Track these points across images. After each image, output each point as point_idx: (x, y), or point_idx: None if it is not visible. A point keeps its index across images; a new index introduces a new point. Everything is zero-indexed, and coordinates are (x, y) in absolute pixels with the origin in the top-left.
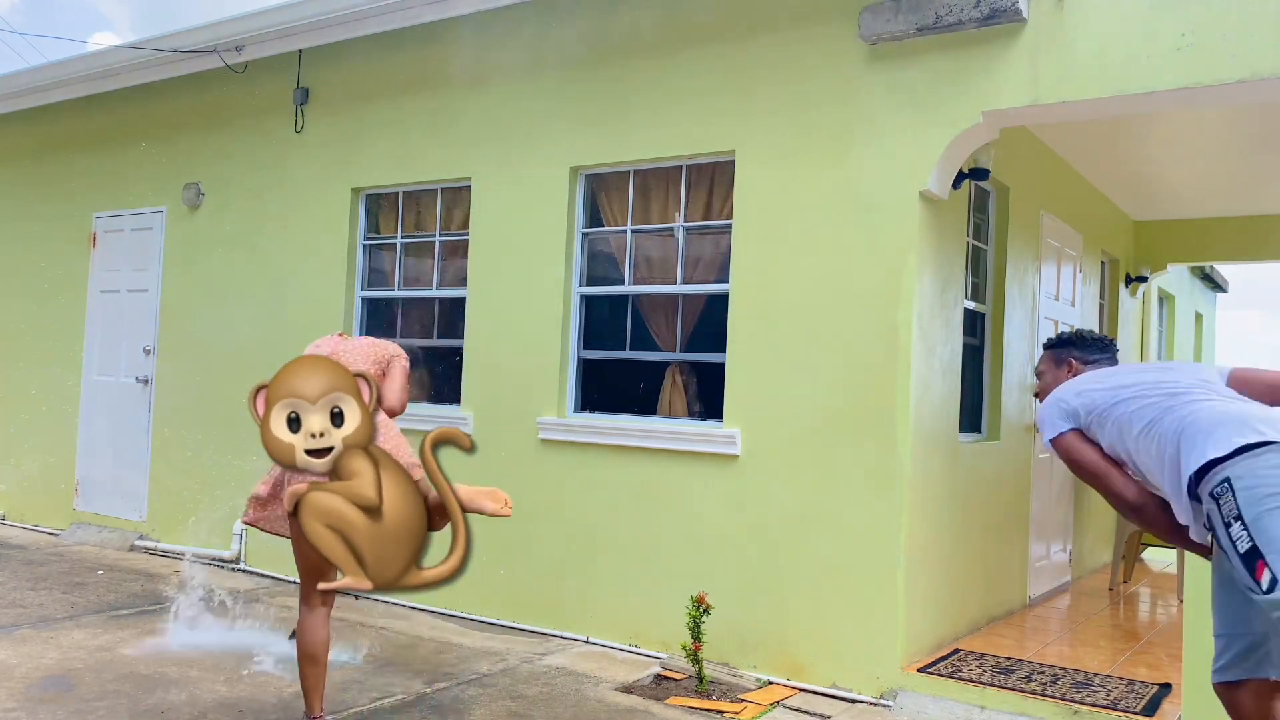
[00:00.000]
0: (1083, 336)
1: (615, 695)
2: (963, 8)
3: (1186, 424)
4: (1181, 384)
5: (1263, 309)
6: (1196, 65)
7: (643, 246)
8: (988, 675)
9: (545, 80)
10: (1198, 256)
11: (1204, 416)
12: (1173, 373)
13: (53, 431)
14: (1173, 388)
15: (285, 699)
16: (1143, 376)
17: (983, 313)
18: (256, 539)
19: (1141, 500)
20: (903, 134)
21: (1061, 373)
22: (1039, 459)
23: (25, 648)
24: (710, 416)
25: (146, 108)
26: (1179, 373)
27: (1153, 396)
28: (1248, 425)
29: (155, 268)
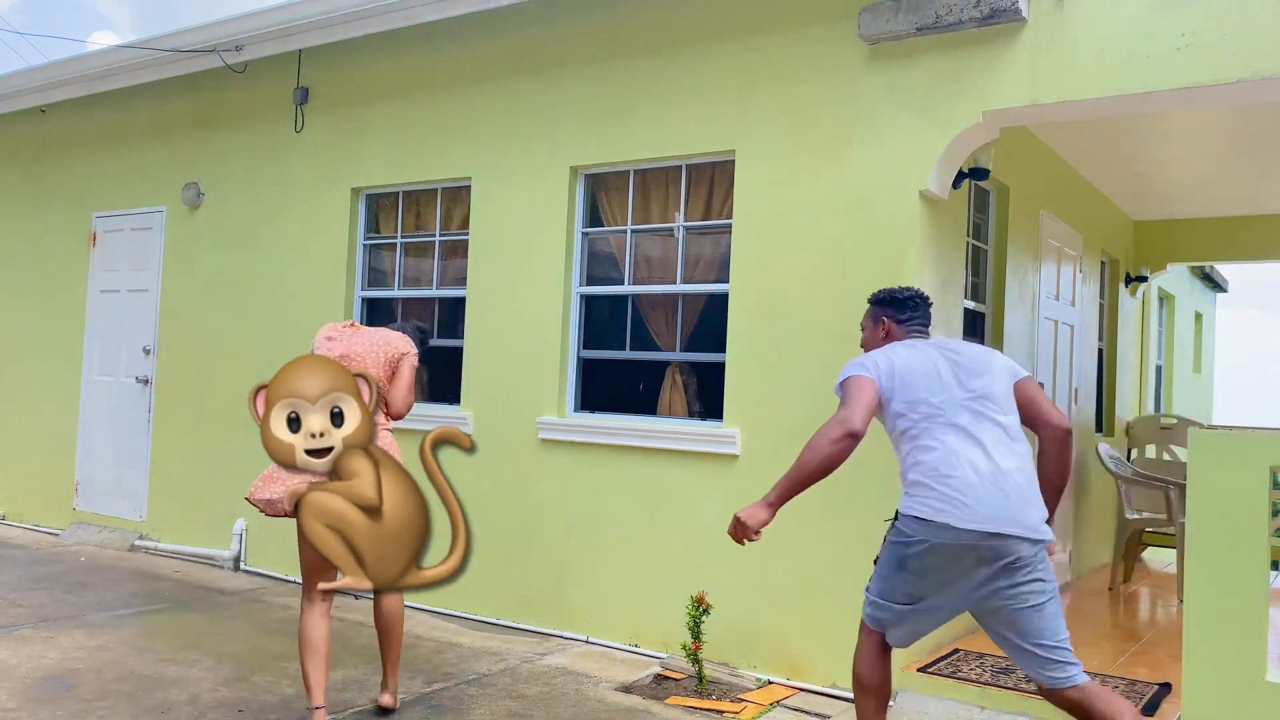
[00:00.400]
0: (895, 297)
1: (615, 695)
2: (963, 8)
3: (919, 463)
4: (945, 407)
5: (1263, 309)
6: (1196, 65)
7: (643, 246)
8: (988, 675)
9: (545, 80)
10: (1198, 256)
11: (930, 467)
12: (946, 390)
13: (53, 431)
14: (934, 409)
15: (285, 698)
16: (923, 391)
17: (983, 313)
18: (256, 539)
19: (832, 461)
20: (902, 134)
21: (878, 329)
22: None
23: (25, 648)
24: (710, 416)
25: (146, 108)
26: (951, 389)
27: (915, 415)
28: (949, 501)
29: (155, 268)
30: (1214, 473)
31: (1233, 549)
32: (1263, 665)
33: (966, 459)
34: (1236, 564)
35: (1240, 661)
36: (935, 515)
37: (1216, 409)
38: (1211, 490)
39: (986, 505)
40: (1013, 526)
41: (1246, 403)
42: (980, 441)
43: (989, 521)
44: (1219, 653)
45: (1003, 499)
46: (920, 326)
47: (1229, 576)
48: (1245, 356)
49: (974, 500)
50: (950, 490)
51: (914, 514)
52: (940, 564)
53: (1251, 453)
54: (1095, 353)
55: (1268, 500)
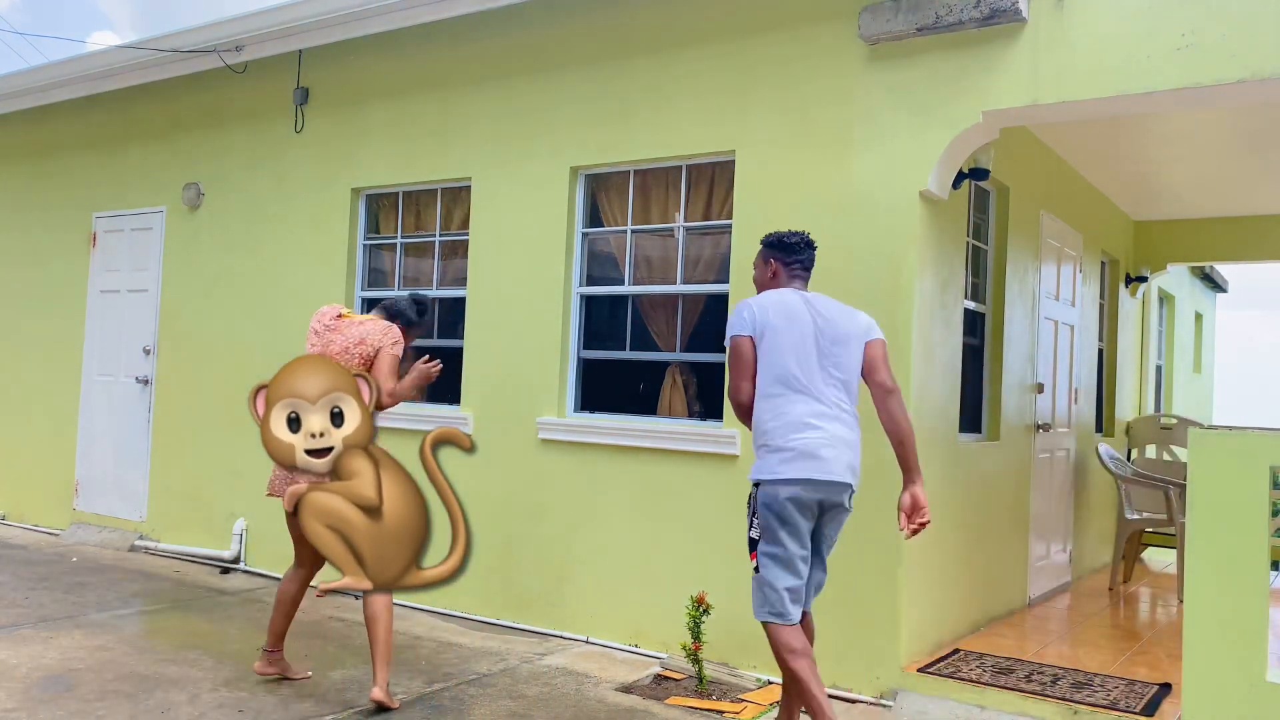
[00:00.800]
0: (784, 241)
1: (615, 695)
2: (963, 8)
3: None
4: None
5: (1263, 309)
6: (1196, 65)
7: (643, 246)
8: (988, 675)
9: (545, 80)
10: (1198, 256)
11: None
12: (808, 360)
13: (53, 431)
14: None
15: (285, 698)
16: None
17: (983, 313)
18: (256, 539)
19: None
20: (902, 134)
21: (767, 269)
22: (1039, 459)
23: (25, 648)
24: (710, 416)
25: (146, 108)
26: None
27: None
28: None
29: (155, 268)
30: (1214, 473)
31: (1233, 549)
32: (1263, 665)
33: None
34: (1236, 564)
35: (1240, 661)
36: (790, 471)
37: (1216, 409)
38: (1211, 490)
39: (822, 463)
40: (838, 474)
41: (1246, 403)
42: (821, 405)
43: (822, 472)
44: (1219, 653)
45: (834, 457)
46: (801, 269)
47: (1229, 576)
48: (1245, 356)
49: (815, 457)
50: (797, 450)
51: (774, 477)
52: (797, 511)
53: (1251, 453)
54: (1095, 353)
55: (1268, 500)
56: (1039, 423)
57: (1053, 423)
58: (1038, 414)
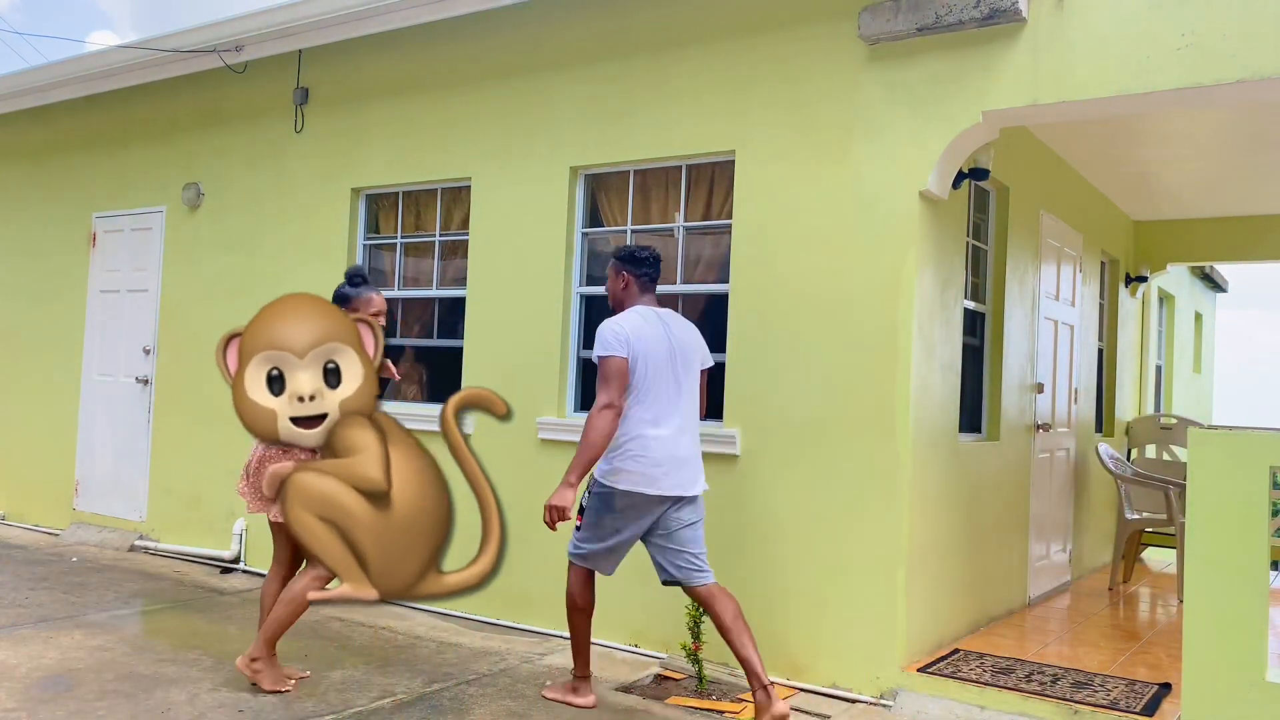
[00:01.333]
0: (635, 255)
1: (615, 695)
2: (963, 8)
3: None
4: (662, 394)
5: (1263, 309)
6: (1196, 65)
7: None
8: (988, 675)
9: (545, 80)
10: (1198, 256)
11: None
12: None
13: (53, 431)
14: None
15: (286, 699)
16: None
17: (983, 313)
18: (256, 539)
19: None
20: (902, 134)
21: (619, 281)
22: (1039, 459)
23: (25, 648)
24: (710, 416)
25: (146, 108)
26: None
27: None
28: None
29: (155, 268)
30: (1214, 473)
31: (1233, 549)
32: (1263, 665)
33: (665, 436)
34: (1236, 564)
35: (1240, 661)
36: (634, 485)
37: (1216, 409)
38: (1211, 490)
39: (671, 475)
40: (689, 489)
41: (1246, 403)
42: (676, 421)
43: (672, 488)
44: (1219, 653)
45: (681, 468)
46: (649, 281)
47: (1229, 576)
48: (1245, 356)
49: (663, 471)
50: (650, 463)
51: (619, 485)
52: (635, 511)
53: (1251, 453)
54: (1095, 353)
55: (1268, 500)
56: (1039, 423)
57: (1053, 423)
58: (1038, 414)
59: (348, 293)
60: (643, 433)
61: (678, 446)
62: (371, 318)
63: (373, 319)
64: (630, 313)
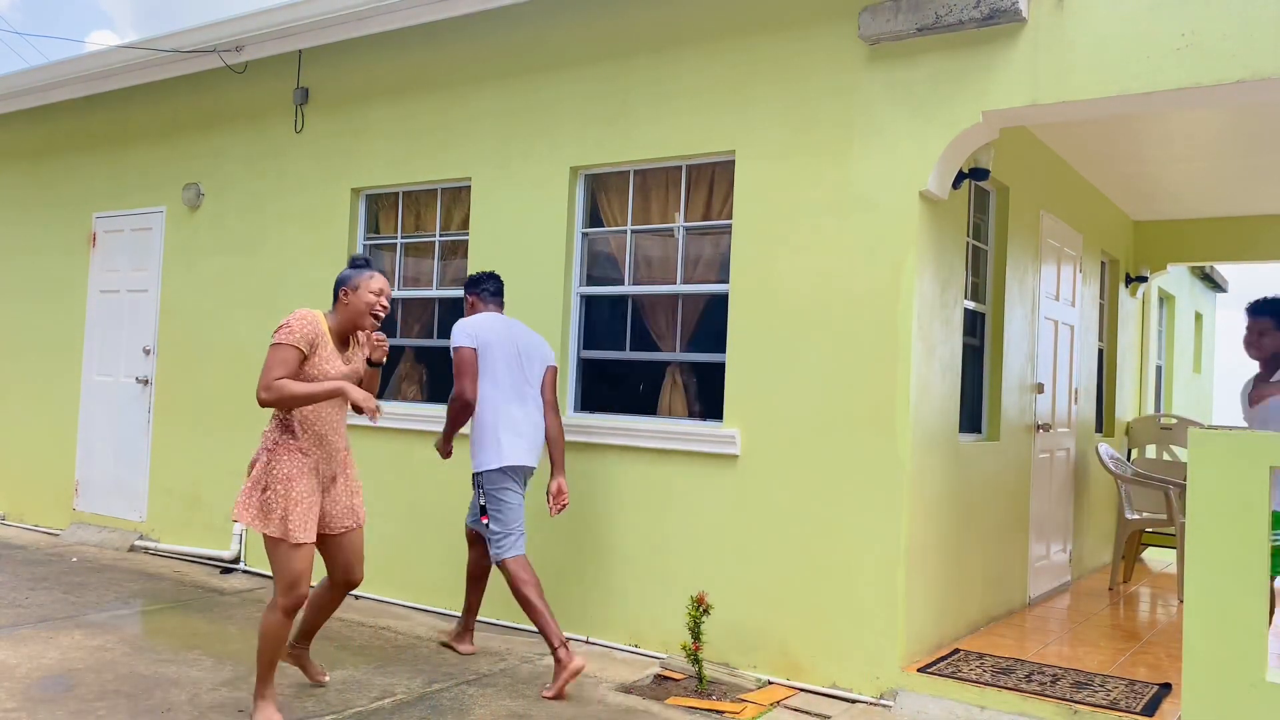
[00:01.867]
0: (474, 278)
1: (615, 695)
2: (963, 8)
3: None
4: (510, 383)
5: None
6: (1196, 65)
7: (643, 246)
8: (988, 675)
9: (545, 80)
10: (1198, 256)
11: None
12: (512, 371)
13: (53, 431)
14: (503, 381)
15: (285, 699)
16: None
17: (983, 313)
18: (256, 539)
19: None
20: (902, 134)
21: (467, 303)
22: (1039, 459)
23: (25, 648)
24: (710, 416)
25: (146, 108)
26: (515, 372)
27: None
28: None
29: (155, 268)
30: (1214, 473)
31: (1233, 549)
32: (1263, 665)
33: (518, 419)
34: (1236, 564)
35: (1240, 661)
36: (507, 460)
37: (1216, 409)
38: (1211, 490)
39: (525, 450)
40: (533, 460)
41: None
42: (524, 408)
43: (526, 459)
44: (1219, 653)
45: (531, 446)
46: (490, 295)
47: (1229, 576)
48: (1246, 356)
49: (521, 447)
50: (510, 441)
51: (498, 465)
52: (515, 477)
53: (1251, 453)
54: (1095, 353)
55: (1268, 500)
56: (1039, 423)
57: (1053, 423)
58: (1038, 414)
59: (348, 275)
60: (500, 410)
61: (527, 424)
62: (376, 301)
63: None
64: (477, 315)
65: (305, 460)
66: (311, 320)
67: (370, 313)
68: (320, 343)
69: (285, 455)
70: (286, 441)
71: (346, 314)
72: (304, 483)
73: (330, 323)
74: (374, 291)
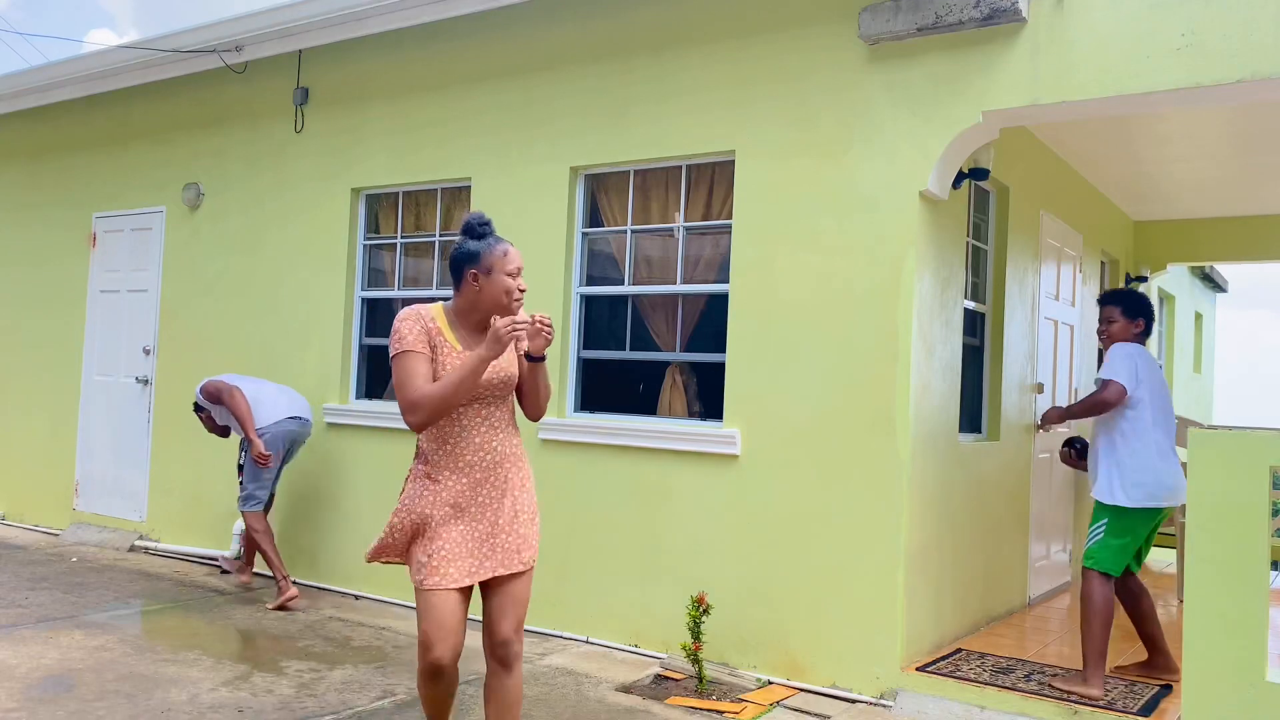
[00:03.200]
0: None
1: (615, 695)
2: (963, 8)
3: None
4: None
5: (1263, 309)
6: (1196, 65)
7: (643, 246)
8: (988, 675)
9: (545, 80)
10: (1198, 256)
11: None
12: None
13: (53, 431)
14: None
15: (285, 699)
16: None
17: (983, 313)
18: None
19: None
20: (902, 134)
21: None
22: (1039, 459)
23: (25, 648)
24: (710, 416)
25: (146, 108)
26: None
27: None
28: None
29: (155, 268)
30: (1214, 473)
31: (1233, 549)
32: (1263, 665)
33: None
34: (1236, 564)
35: (1240, 661)
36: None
37: (1216, 409)
38: (1211, 490)
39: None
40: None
41: (1247, 403)
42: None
43: (302, 411)
44: (1219, 653)
45: (292, 401)
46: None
47: (1229, 576)
48: (1246, 356)
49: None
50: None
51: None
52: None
53: (1251, 453)
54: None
55: (1268, 500)
56: (1039, 423)
57: None
58: (1038, 414)
59: (474, 250)
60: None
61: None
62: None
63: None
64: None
65: (434, 488)
66: (417, 317)
67: (510, 300)
68: (439, 342)
69: (413, 483)
70: (416, 467)
71: (478, 302)
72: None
73: (450, 316)
74: (511, 272)
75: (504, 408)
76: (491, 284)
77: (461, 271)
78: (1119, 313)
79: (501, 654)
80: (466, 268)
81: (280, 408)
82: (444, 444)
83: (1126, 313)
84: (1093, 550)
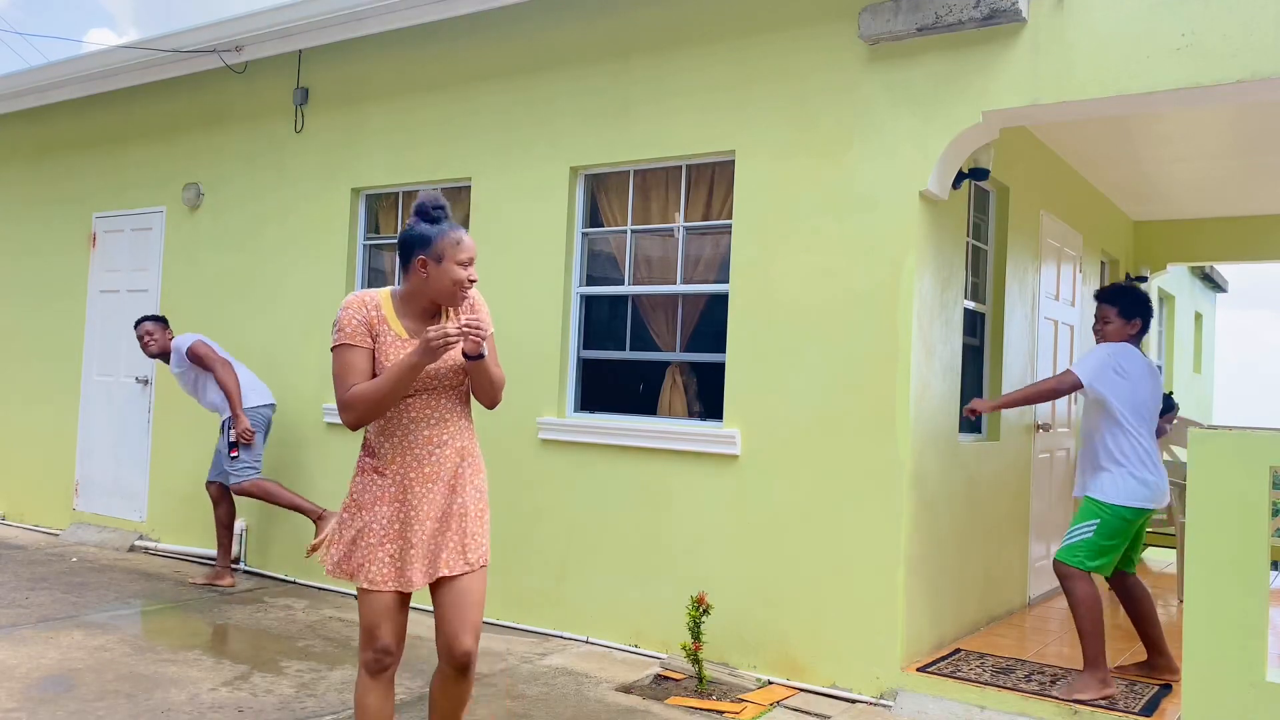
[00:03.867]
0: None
1: (615, 695)
2: (963, 8)
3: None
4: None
5: (1264, 309)
6: (1196, 65)
7: (643, 246)
8: (988, 675)
9: (545, 80)
10: (1198, 256)
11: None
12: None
13: (53, 431)
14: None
15: (285, 699)
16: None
17: (983, 313)
18: (257, 539)
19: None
20: (902, 134)
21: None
22: (1039, 459)
23: (25, 648)
24: (710, 416)
25: (146, 108)
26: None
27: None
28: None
29: (155, 268)
30: (1214, 473)
31: (1233, 549)
32: (1263, 665)
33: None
34: (1236, 564)
35: (1240, 661)
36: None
37: (1216, 409)
38: (1211, 490)
39: (265, 401)
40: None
41: (1247, 403)
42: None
43: (272, 399)
44: (1219, 653)
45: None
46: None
47: (1229, 576)
48: (1246, 356)
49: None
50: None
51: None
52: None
53: (1251, 453)
54: None
55: (1268, 500)
56: (1039, 423)
57: (1053, 423)
58: (1037, 414)
59: (425, 234)
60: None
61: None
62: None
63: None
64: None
65: (382, 482)
66: (360, 305)
67: (460, 291)
68: (382, 330)
69: (359, 477)
70: (362, 460)
71: (425, 290)
72: (373, 511)
73: (397, 302)
74: (463, 261)
75: (454, 397)
76: (440, 272)
77: (410, 255)
78: (1114, 313)
79: (461, 663)
80: (417, 252)
81: (260, 393)
82: (391, 436)
83: (1123, 313)
84: (1076, 548)
